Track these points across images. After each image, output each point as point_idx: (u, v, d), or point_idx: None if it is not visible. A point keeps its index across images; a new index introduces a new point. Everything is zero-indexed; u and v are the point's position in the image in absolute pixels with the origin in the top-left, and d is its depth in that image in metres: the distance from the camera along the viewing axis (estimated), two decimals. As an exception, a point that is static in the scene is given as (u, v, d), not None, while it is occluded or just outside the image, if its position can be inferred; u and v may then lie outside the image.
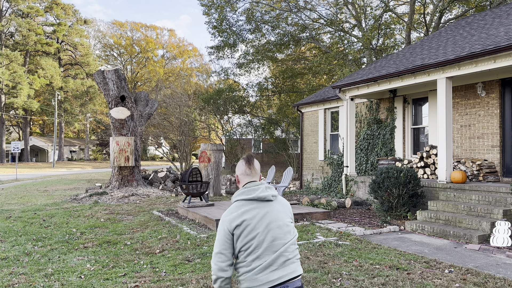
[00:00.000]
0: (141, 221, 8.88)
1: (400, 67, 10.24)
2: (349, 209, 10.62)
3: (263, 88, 27.22)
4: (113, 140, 14.33)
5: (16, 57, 45.17)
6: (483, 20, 11.72)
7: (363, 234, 7.45)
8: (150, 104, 15.74)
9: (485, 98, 9.75)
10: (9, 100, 45.40)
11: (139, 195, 13.35)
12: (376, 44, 22.63)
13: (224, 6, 24.62)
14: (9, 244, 6.80)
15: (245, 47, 28.18)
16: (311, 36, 24.76)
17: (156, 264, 5.58)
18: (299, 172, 17.15)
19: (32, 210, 10.59)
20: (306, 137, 16.37)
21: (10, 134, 64.09)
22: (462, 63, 8.51)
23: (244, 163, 2.53)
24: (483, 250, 6.30)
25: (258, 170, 2.56)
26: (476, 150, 9.92)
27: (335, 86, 12.40)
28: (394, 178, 8.70)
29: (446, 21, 21.14)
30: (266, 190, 2.42)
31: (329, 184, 14.35)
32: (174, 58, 63.51)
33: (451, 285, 4.67)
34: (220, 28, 25.18)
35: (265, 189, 2.43)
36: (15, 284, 4.78)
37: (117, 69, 14.59)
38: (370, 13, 23.32)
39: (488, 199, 7.69)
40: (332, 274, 5.03)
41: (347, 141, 12.00)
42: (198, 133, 27.36)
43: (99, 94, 52.50)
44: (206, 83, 40.17)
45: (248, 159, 2.53)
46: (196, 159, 38.67)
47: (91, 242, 6.88)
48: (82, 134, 69.26)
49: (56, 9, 52.26)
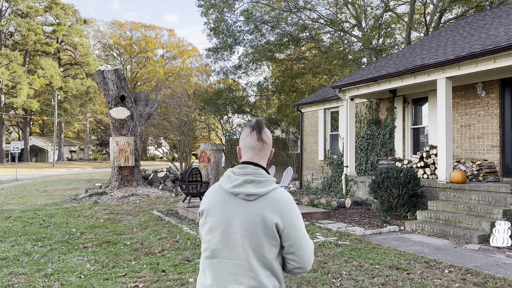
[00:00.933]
0: (141, 221, 8.87)
1: (400, 67, 10.24)
2: (349, 209, 10.62)
3: (263, 88, 27.22)
4: (113, 140, 14.33)
5: (15, 57, 45.16)
6: (483, 20, 11.72)
7: (363, 234, 7.45)
8: (150, 104, 15.74)
9: (485, 98, 9.75)
10: (8, 100, 45.39)
11: (139, 195, 13.34)
12: (376, 44, 22.63)
13: (222, 6, 24.59)
14: (9, 244, 6.80)
15: (243, 49, 28.16)
16: (311, 36, 24.76)
17: (156, 264, 5.58)
18: (299, 172, 17.15)
19: (32, 210, 10.58)
20: (306, 137, 16.37)
21: (10, 134, 64.07)
22: (462, 63, 8.51)
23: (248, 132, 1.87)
24: (483, 250, 6.30)
25: (268, 144, 1.88)
26: (476, 150, 9.92)
27: (335, 86, 12.39)
28: (394, 178, 8.70)
29: (446, 21, 21.15)
30: (246, 184, 1.76)
31: (329, 184, 14.35)
32: (174, 58, 63.58)
33: (451, 285, 4.67)
34: (217, 30, 25.12)
35: (244, 182, 1.77)
36: (15, 284, 4.77)
37: (117, 69, 14.59)
38: (370, 13, 23.34)
39: (488, 199, 7.69)
40: (332, 274, 5.03)
41: (347, 141, 11.99)
42: (198, 133, 27.38)
43: (99, 94, 52.49)
44: (206, 83, 40.17)
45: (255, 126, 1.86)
46: (196, 159, 38.67)
47: (91, 242, 6.87)
48: (82, 134, 69.26)
49: (55, 9, 52.24)
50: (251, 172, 1.79)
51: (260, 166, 1.84)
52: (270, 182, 1.79)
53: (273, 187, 1.79)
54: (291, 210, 1.75)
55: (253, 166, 1.81)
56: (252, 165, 1.82)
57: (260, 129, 1.85)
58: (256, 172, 1.79)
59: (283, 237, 1.74)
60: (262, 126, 1.87)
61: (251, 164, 1.82)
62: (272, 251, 1.73)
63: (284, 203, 1.76)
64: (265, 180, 1.78)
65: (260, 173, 1.79)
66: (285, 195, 1.78)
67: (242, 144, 1.88)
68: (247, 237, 1.72)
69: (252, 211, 1.73)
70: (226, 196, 1.80)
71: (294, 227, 1.74)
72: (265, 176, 1.79)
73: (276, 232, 1.73)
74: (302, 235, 1.76)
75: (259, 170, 1.80)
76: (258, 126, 1.86)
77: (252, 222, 1.72)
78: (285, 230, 1.72)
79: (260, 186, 1.76)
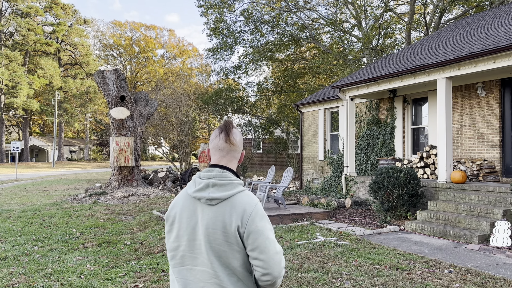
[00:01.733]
0: (141, 221, 8.87)
1: (400, 67, 10.24)
2: (349, 209, 10.62)
3: (262, 88, 27.22)
4: (113, 140, 14.33)
5: (15, 57, 45.15)
6: (483, 20, 11.72)
7: (363, 234, 7.45)
8: (150, 104, 15.74)
9: (485, 98, 9.75)
10: (8, 100, 45.39)
11: (139, 195, 13.34)
12: (376, 44, 22.63)
13: (222, 7, 24.59)
14: (9, 244, 6.80)
15: (243, 49, 28.17)
16: (311, 36, 24.76)
17: (156, 264, 5.58)
18: (299, 172, 17.15)
19: (32, 210, 10.58)
20: (306, 137, 16.37)
21: (10, 134, 64.08)
22: (462, 63, 8.51)
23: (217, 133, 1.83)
24: (483, 250, 6.30)
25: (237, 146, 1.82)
26: (476, 150, 9.92)
27: (335, 86, 12.40)
28: (394, 178, 8.70)
29: (446, 21, 21.15)
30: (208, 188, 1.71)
31: (329, 184, 14.35)
32: (174, 58, 63.59)
33: (451, 285, 4.67)
34: (217, 30, 25.12)
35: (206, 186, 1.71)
36: (15, 284, 4.77)
37: (117, 69, 14.59)
38: (370, 13, 23.33)
39: (488, 199, 7.69)
40: (332, 274, 5.03)
41: (347, 141, 11.99)
42: (198, 133, 27.39)
43: (99, 94, 52.50)
44: (206, 83, 40.19)
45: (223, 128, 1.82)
46: (196, 159, 38.66)
47: (91, 242, 6.87)
48: (82, 134, 69.28)
49: (55, 9, 52.24)
50: (215, 175, 1.72)
51: (227, 169, 1.77)
52: (234, 185, 1.72)
53: (237, 190, 1.71)
54: (253, 212, 1.66)
55: (218, 169, 1.75)
56: (218, 167, 1.76)
57: (228, 130, 1.80)
58: (220, 175, 1.72)
59: (245, 241, 1.65)
60: (230, 128, 1.81)
61: (217, 167, 1.77)
62: (236, 257, 1.66)
63: (246, 205, 1.67)
64: (228, 183, 1.71)
65: (224, 176, 1.72)
66: (248, 198, 1.71)
67: (211, 146, 1.83)
68: (208, 242, 1.66)
69: (213, 216, 1.67)
70: (191, 201, 1.74)
71: (256, 230, 1.64)
72: (229, 179, 1.72)
73: (238, 237, 1.65)
74: (265, 237, 1.64)
75: (224, 173, 1.73)
76: (226, 127, 1.80)
77: (213, 228, 1.66)
78: (246, 234, 1.64)
79: (222, 189, 1.69)
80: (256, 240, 1.64)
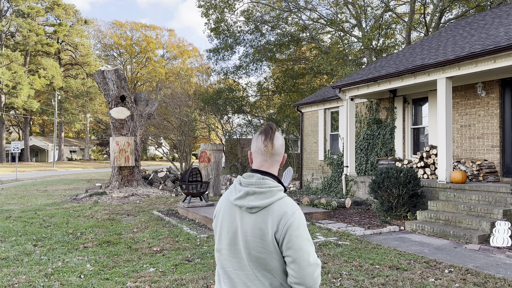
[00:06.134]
0: (141, 221, 8.88)
1: (400, 67, 10.24)
2: (349, 209, 10.62)
3: (263, 88, 27.23)
4: (113, 140, 14.34)
5: (16, 57, 45.17)
6: (483, 20, 11.71)
7: (363, 234, 7.45)
8: (150, 104, 15.75)
9: (485, 98, 9.75)
10: (9, 100, 45.42)
11: (139, 195, 13.35)
12: (376, 44, 22.63)
13: (222, 7, 24.61)
14: (9, 244, 6.81)
15: (244, 49, 28.22)
16: (311, 36, 24.76)
17: (156, 264, 5.58)
18: (299, 172, 17.15)
19: (32, 210, 10.59)
20: (306, 137, 16.38)
21: (10, 134, 64.11)
22: (462, 63, 8.51)
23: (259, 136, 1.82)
24: (483, 250, 6.30)
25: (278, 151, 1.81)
26: (476, 150, 9.92)
27: (335, 86, 12.40)
28: (394, 178, 8.70)
29: (446, 21, 21.14)
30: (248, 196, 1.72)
31: (329, 184, 14.35)
32: (174, 58, 63.59)
33: (451, 285, 4.67)
34: (217, 30, 25.14)
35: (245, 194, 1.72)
36: (15, 284, 4.78)
37: (117, 69, 14.60)
38: (370, 13, 23.34)
39: (488, 199, 7.69)
40: (332, 274, 5.03)
41: (347, 141, 11.99)
42: (198, 133, 27.39)
43: (99, 94, 52.52)
44: (206, 83, 40.15)
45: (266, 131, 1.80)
46: (196, 159, 38.67)
47: (91, 242, 6.88)
48: (82, 134, 69.29)
49: (57, 10, 52.27)
50: (255, 182, 1.73)
51: (268, 174, 1.78)
52: (273, 193, 1.71)
53: (276, 198, 1.71)
54: (289, 221, 1.65)
55: (259, 175, 1.75)
56: (259, 173, 1.77)
57: (271, 134, 1.78)
58: (259, 183, 1.72)
59: (281, 248, 1.66)
60: (274, 131, 1.80)
61: (258, 173, 1.77)
62: (275, 264, 1.68)
63: (284, 213, 1.67)
64: (268, 191, 1.70)
65: (264, 184, 1.72)
66: (286, 206, 1.70)
67: (253, 149, 1.82)
68: (247, 249, 1.70)
69: (253, 224, 1.69)
70: (232, 207, 1.78)
71: (290, 239, 1.64)
72: (268, 186, 1.72)
73: (276, 245, 1.66)
74: (298, 248, 1.64)
75: (263, 180, 1.73)
76: (269, 131, 1.79)
77: (252, 236, 1.68)
78: (281, 241, 1.65)
79: (261, 197, 1.69)
80: (289, 250, 1.65)
